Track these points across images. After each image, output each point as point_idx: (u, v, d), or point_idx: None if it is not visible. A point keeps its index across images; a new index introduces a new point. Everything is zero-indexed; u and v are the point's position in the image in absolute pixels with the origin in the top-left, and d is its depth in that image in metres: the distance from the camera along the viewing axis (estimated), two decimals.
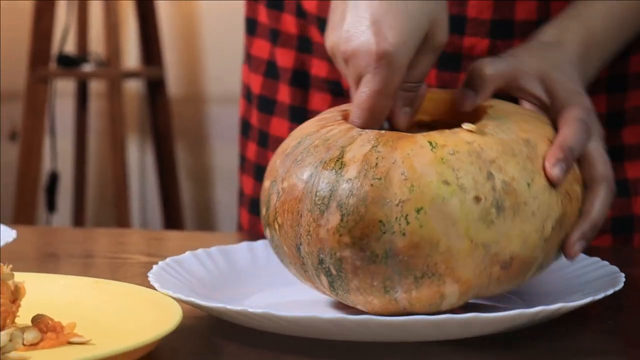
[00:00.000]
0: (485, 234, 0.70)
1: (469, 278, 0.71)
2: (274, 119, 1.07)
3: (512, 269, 0.72)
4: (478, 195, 0.70)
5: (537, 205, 0.72)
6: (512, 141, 0.73)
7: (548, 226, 0.72)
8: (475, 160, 0.71)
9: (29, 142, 2.57)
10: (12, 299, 0.66)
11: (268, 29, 1.06)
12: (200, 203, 2.83)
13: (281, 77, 1.06)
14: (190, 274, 0.82)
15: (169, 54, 2.76)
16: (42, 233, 1.29)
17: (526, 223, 0.71)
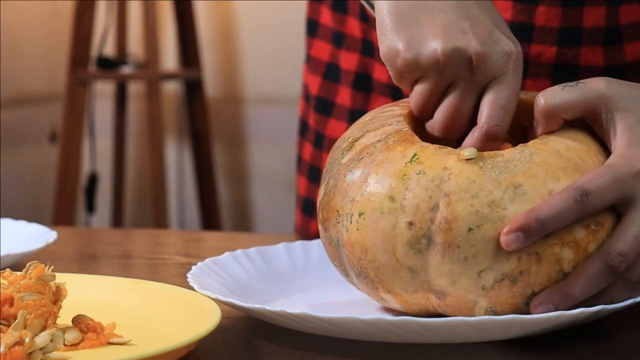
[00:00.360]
0: (411, 259, 0.70)
1: (400, 294, 0.72)
2: (332, 120, 1.06)
3: (451, 303, 0.71)
4: (412, 221, 0.70)
5: (473, 253, 0.69)
6: (493, 181, 0.70)
7: (488, 277, 0.69)
8: (432, 187, 0.70)
9: (69, 143, 2.59)
10: (54, 300, 0.66)
11: (331, 31, 1.06)
12: (237, 203, 2.84)
13: (342, 80, 1.06)
14: (229, 274, 0.82)
15: (206, 55, 2.77)
16: (81, 234, 1.30)
17: (455, 265, 0.69)
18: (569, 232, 0.69)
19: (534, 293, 0.70)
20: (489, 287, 0.70)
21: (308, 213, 1.09)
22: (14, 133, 2.71)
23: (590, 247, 0.70)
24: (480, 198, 0.69)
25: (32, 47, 2.76)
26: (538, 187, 0.69)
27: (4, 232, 0.99)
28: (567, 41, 0.93)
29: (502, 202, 0.69)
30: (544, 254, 0.69)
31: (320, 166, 1.07)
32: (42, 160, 2.81)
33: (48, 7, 2.80)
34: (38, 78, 2.80)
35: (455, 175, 0.70)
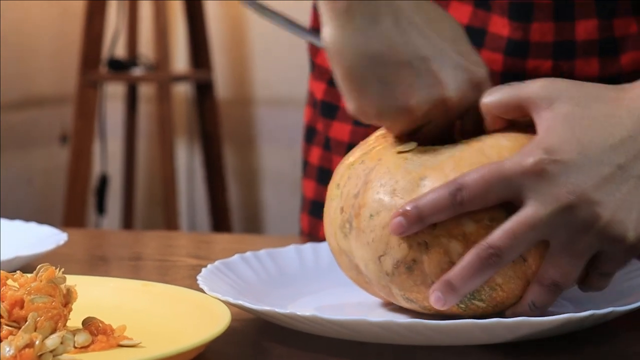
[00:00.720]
0: (343, 243, 0.75)
1: (350, 276, 0.76)
2: (335, 123, 1.08)
3: (377, 288, 0.74)
4: (343, 207, 0.74)
5: (372, 238, 0.72)
6: (405, 172, 0.72)
7: (387, 262, 0.71)
8: (362, 176, 0.74)
9: (79, 145, 2.59)
10: (64, 302, 0.67)
11: None
12: (248, 205, 2.84)
13: None
14: (239, 276, 0.82)
15: (217, 57, 2.78)
16: (92, 236, 1.30)
17: (364, 249, 0.73)
18: (458, 225, 0.70)
19: (433, 283, 0.71)
20: (391, 273, 0.72)
21: (317, 215, 1.09)
22: (25, 134, 2.72)
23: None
24: (386, 187, 0.72)
25: (42, 49, 2.77)
26: (440, 179, 0.71)
27: (15, 234, 1.00)
28: (562, 54, 0.95)
29: (402, 192, 0.72)
30: (431, 244, 0.71)
31: (330, 168, 1.08)
32: (52, 161, 2.81)
33: (59, 8, 2.80)
34: (49, 79, 2.80)
35: (381, 165, 0.74)
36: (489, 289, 0.71)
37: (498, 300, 0.72)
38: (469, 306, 0.72)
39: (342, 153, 1.07)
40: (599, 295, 0.78)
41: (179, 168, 2.77)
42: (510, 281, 0.71)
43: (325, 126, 1.09)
